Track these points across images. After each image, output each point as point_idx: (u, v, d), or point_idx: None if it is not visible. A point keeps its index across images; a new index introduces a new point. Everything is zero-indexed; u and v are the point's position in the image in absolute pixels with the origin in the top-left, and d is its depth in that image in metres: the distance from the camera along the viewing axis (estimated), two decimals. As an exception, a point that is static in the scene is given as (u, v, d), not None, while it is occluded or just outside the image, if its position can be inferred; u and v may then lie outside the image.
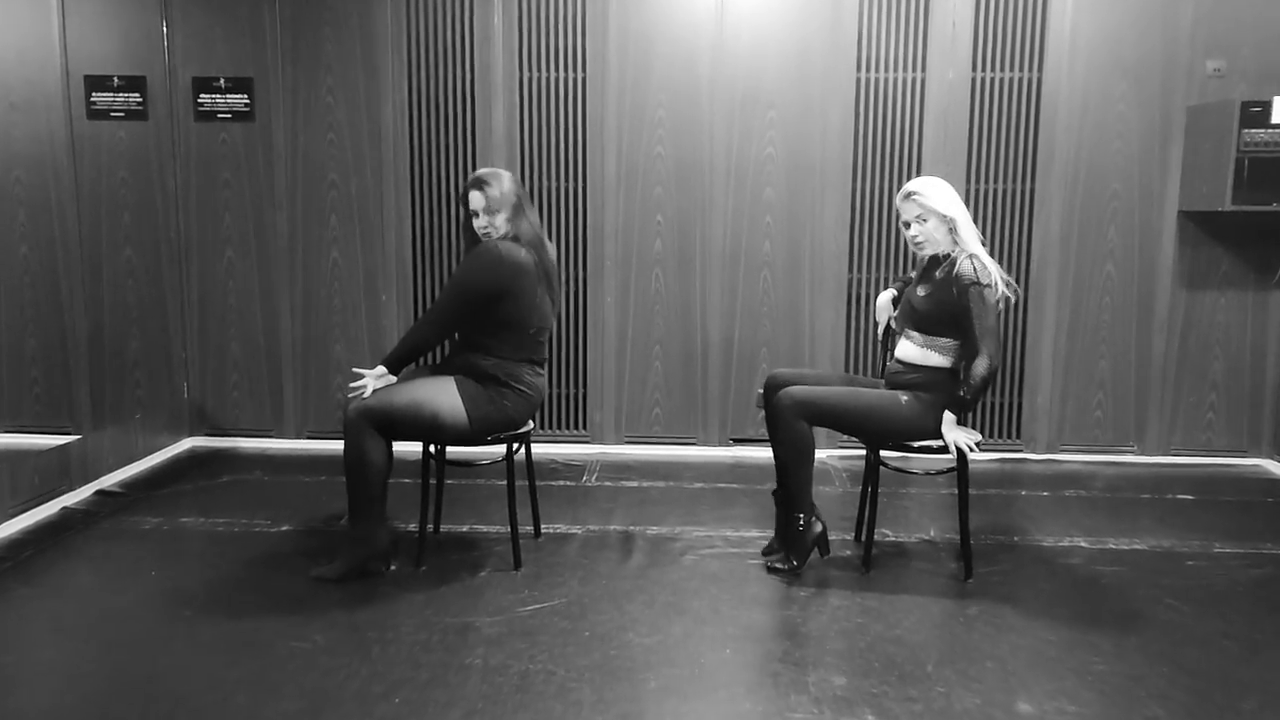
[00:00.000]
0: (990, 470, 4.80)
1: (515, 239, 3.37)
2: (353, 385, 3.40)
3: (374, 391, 3.33)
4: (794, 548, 3.47)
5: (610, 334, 5.04)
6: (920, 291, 3.42)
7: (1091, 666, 2.82)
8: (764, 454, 4.58)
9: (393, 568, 3.47)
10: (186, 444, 5.17)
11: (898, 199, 3.43)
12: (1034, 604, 3.27)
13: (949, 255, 3.34)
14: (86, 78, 4.95)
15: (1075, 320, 4.93)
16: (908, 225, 3.40)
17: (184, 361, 5.18)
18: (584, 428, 5.14)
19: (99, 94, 4.95)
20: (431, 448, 3.56)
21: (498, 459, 3.62)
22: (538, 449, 4.48)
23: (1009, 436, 5.05)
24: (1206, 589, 3.40)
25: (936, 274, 3.36)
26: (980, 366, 3.21)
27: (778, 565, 3.50)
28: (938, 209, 3.31)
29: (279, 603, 3.21)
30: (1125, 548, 3.79)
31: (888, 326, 3.73)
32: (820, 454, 4.89)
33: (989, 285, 3.24)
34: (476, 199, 3.38)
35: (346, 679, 2.71)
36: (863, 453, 3.65)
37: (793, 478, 3.44)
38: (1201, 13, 4.69)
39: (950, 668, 2.81)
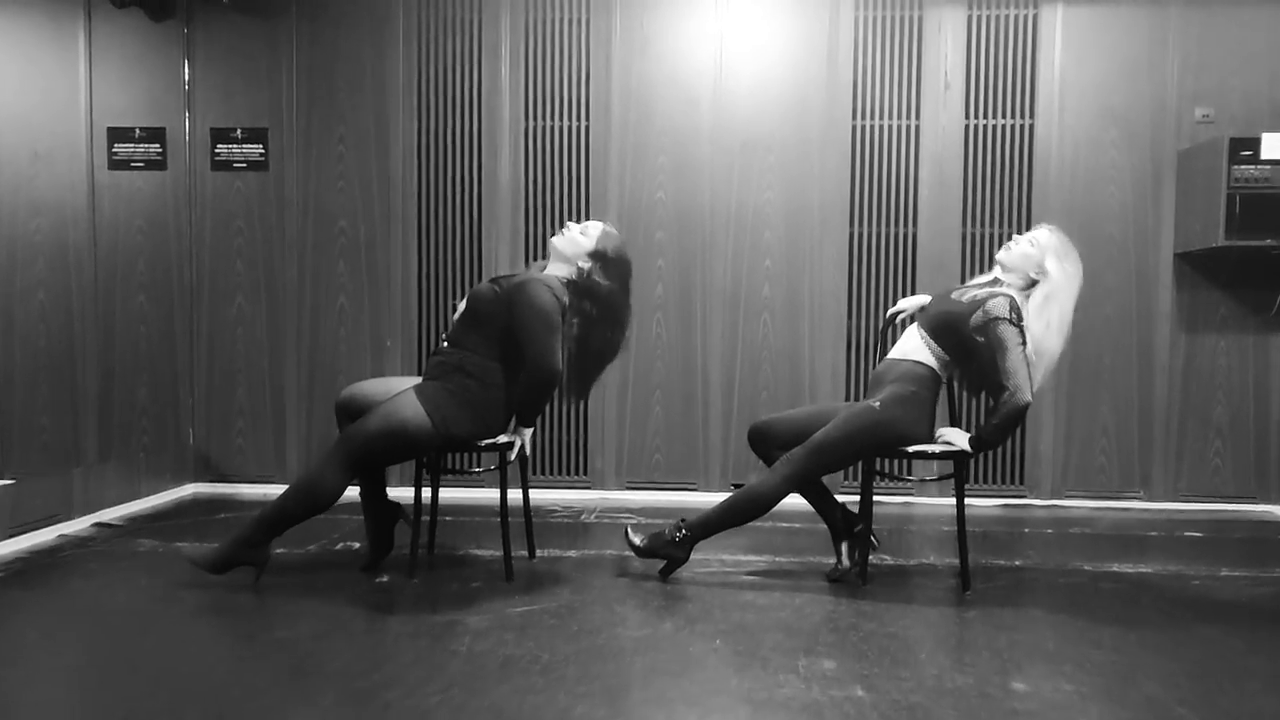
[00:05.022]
0: (992, 514, 4.74)
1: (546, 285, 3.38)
2: (508, 451, 3.40)
3: (352, 423, 3.36)
4: (662, 550, 3.51)
5: (612, 379, 5.06)
6: (954, 294, 3.47)
7: (1090, 656, 2.74)
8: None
9: (384, 579, 3.45)
10: (189, 489, 5.18)
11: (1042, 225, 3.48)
12: (1033, 610, 3.21)
13: (998, 284, 3.41)
14: (110, 129, 5.14)
15: (1076, 363, 4.92)
16: (1016, 240, 3.44)
17: (190, 408, 5.23)
18: (585, 473, 5.12)
19: (120, 145, 5.13)
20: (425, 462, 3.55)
21: (491, 467, 3.62)
22: (536, 494, 4.45)
23: (1011, 482, 5.00)
24: (1211, 601, 3.33)
25: (977, 292, 3.40)
26: (1003, 400, 3.21)
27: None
28: (1042, 260, 3.34)
29: (266, 603, 3.18)
30: (1130, 570, 3.72)
31: (894, 320, 3.76)
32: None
33: (1008, 322, 3.22)
34: (594, 228, 3.49)
35: (329, 658, 2.66)
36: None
37: (734, 516, 3.48)
38: (1188, 61, 4.84)
39: (945, 655, 2.75)
